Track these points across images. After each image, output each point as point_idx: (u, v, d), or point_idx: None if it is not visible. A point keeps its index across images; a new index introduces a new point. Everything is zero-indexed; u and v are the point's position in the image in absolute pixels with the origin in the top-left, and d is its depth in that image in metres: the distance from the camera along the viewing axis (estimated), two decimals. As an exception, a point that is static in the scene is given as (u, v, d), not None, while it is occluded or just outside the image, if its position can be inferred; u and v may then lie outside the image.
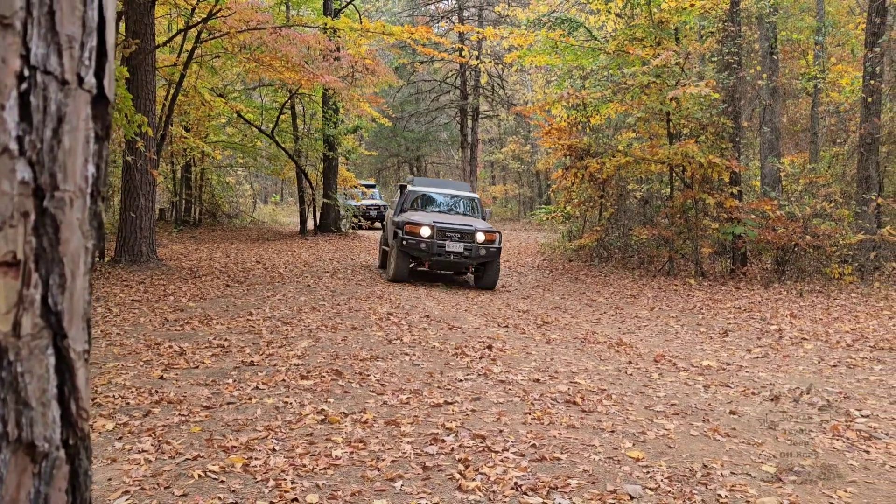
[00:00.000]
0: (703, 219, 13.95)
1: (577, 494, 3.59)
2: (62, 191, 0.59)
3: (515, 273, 15.16)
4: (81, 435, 0.65)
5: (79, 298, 0.63)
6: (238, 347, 6.80)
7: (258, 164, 26.43)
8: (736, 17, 14.20)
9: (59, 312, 0.60)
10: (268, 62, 15.23)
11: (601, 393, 5.68)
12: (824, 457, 4.36)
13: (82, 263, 0.62)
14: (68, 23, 0.58)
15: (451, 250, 11.88)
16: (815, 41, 18.75)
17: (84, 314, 0.66)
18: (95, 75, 0.62)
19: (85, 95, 0.61)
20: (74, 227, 0.60)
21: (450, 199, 13.80)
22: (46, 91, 0.56)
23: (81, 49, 0.60)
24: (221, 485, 3.61)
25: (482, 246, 11.98)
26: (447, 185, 14.53)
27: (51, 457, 0.60)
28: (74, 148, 0.60)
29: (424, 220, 12.03)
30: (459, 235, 12.00)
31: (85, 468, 0.66)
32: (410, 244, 11.84)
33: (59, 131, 0.58)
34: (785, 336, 8.45)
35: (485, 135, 39.32)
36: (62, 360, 0.61)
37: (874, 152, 13.04)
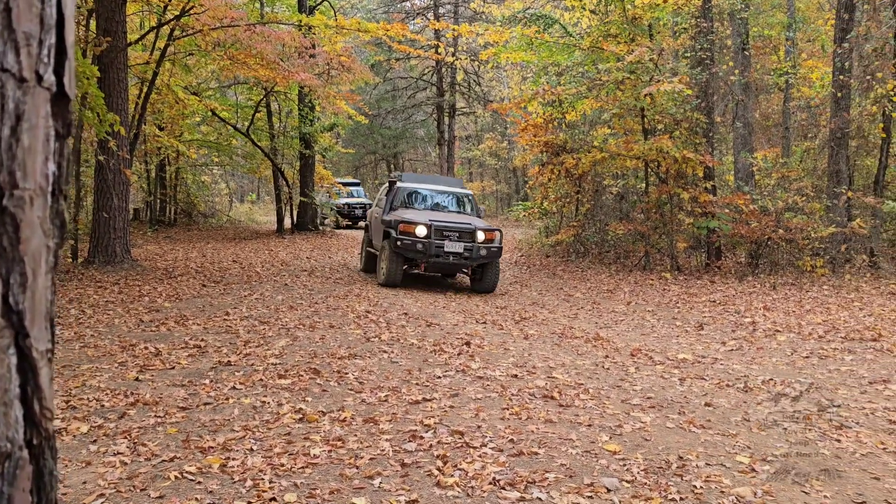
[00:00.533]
0: (678, 213, 14.09)
1: (555, 488, 3.62)
2: (21, 189, 0.58)
3: (493, 269, 15.19)
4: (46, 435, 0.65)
5: (41, 297, 0.62)
6: (215, 347, 6.75)
7: (234, 162, 26.22)
8: (708, 13, 14.34)
9: (20, 311, 0.60)
10: (242, 60, 15.10)
11: (578, 387, 5.72)
12: (797, 446, 4.43)
13: (44, 262, 0.62)
14: (25, 20, 0.57)
15: (451, 251, 11.03)
16: (786, 37, 19.02)
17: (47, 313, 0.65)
18: (55, 73, 0.62)
19: (44, 93, 0.61)
20: (35, 226, 0.60)
21: (442, 196, 12.93)
22: (3, 89, 0.56)
23: (40, 47, 0.59)
24: (199, 486, 3.58)
25: (483, 246, 11.14)
26: (439, 180, 13.61)
27: (14, 457, 0.59)
28: (34, 146, 0.60)
29: (420, 219, 11.19)
30: (458, 235, 11.17)
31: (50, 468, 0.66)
32: (405, 245, 10.96)
33: (17, 129, 0.57)
34: (759, 328, 8.57)
35: (462, 131, 39.34)
36: (24, 360, 0.61)
37: (844, 147, 13.25)
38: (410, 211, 11.98)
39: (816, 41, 20.12)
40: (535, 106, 17.53)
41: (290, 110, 23.74)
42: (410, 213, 11.64)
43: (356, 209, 26.97)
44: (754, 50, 18.76)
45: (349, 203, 26.98)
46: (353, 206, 27.08)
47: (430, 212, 12.15)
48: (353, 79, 19.98)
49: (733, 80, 15.71)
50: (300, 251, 17.20)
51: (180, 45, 14.93)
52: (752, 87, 17.08)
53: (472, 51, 28.65)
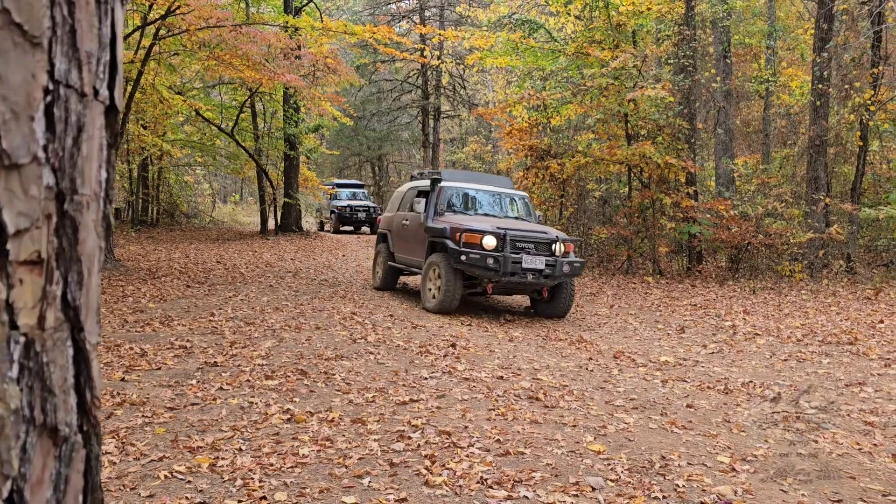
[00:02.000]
0: (660, 218, 14.26)
1: (541, 487, 3.69)
2: (80, 195, 0.63)
3: (477, 272, 15.28)
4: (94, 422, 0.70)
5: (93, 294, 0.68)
6: (201, 348, 6.76)
7: (217, 163, 26.10)
8: (691, 21, 14.54)
9: (76, 307, 0.65)
10: (227, 60, 15.06)
11: (563, 389, 5.80)
12: (776, 446, 4.54)
13: (96, 262, 0.67)
14: (87, 40, 0.63)
15: (530, 267, 8.89)
16: (766, 45, 19.31)
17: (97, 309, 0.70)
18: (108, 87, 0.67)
19: (99, 106, 0.66)
20: (90, 229, 0.65)
21: (496, 198, 10.77)
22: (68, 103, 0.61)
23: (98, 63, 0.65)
24: (188, 485, 3.61)
25: (566, 261, 9.14)
26: (486, 179, 11.28)
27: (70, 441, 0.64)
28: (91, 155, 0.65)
29: (485, 227, 9.13)
30: (534, 246, 9.17)
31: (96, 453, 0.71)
32: (472, 261, 8.80)
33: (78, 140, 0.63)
34: (739, 332, 8.71)
35: (446, 134, 39.43)
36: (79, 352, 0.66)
37: (822, 154, 13.48)
38: (464, 217, 9.96)
39: (796, 50, 20.45)
40: (520, 110, 17.67)
41: (274, 111, 23.71)
42: (468, 220, 9.62)
43: (358, 212, 25.49)
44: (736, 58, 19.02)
45: (351, 206, 25.46)
46: (356, 209, 25.49)
47: (487, 218, 10.06)
48: (339, 80, 20.00)
49: (715, 86, 15.92)
50: (284, 252, 17.18)
51: (165, 44, 14.88)
52: (734, 94, 17.32)
53: (458, 54, 28.77)
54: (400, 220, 11.08)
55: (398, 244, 11.00)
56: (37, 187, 0.57)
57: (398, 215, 11.24)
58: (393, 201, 11.88)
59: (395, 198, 11.84)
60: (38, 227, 0.59)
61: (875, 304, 10.32)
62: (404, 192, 11.44)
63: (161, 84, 17.94)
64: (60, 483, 0.63)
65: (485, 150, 35.89)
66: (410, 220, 10.58)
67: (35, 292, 0.59)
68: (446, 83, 31.24)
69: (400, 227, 11.00)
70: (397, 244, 11.03)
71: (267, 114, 24.21)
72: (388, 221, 11.64)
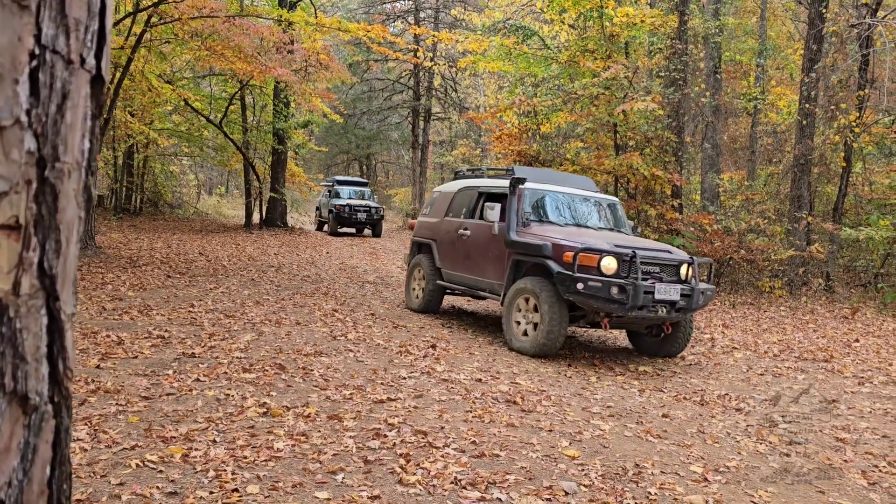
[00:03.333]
0: (644, 229, 14.34)
1: (515, 490, 3.69)
2: (62, 162, 0.63)
3: (461, 275, 15.28)
4: (66, 393, 0.69)
5: (71, 264, 0.67)
6: (179, 339, 6.71)
7: (204, 154, 25.94)
8: (683, 35, 14.66)
9: (53, 276, 0.64)
10: (219, 51, 14.98)
11: (541, 394, 5.81)
12: (748, 458, 4.58)
13: (75, 232, 0.67)
14: (76, 7, 0.62)
15: (664, 299, 6.99)
16: (756, 63, 19.51)
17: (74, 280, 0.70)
18: (95, 56, 0.67)
19: (85, 75, 0.66)
20: (70, 197, 0.65)
21: (588, 204, 8.73)
22: (54, 69, 0.61)
23: (85, 31, 0.64)
24: (160, 474, 3.58)
25: (700, 289, 7.30)
26: (566, 179, 9.20)
27: (40, 410, 0.64)
28: (74, 123, 0.64)
29: (602, 245, 7.13)
30: (664, 270, 7.32)
31: (66, 425, 0.70)
32: (592, 290, 6.81)
33: (62, 107, 0.62)
34: (717, 345, 8.78)
35: (436, 136, 39.46)
36: (53, 321, 0.65)
37: (807, 173, 13.64)
38: (558, 229, 7.85)
39: (785, 69, 20.68)
40: (511, 116, 17.70)
41: (264, 105, 23.61)
42: (568, 234, 7.59)
43: (358, 212, 23.27)
44: (726, 74, 19.20)
45: (351, 205, 23.20)
46: (356, 209, 23.27)
47: (583, 230, 8.01)
48: (331, 77, 19.94)
49: (704, 101, 16.06)
50: (268, 247, 17.10)
51: (157, 32, 14.77)
52: (722, 110, 17.49)
53: (451, 57, 28.81)
54: (454, 229, 8.97)
55: (450, 259, 9.02)
56: (18, 151, 0.57)
57: (449, 222, 9.13)
58: (436, 203, 9.80)
59: (439, 199, 9.79)
60: (18, 192, 0.58)
61: (851, 323, 10.44)
62: (453, 192, 9.40)
63: (151, 72, 17.81)
64: (28, 452, 0.62)
65: (474, 154, 35.96)
66: (474, 231, 8.60)
67: (11, 257, 0.59)
68: (438, 85, 31.26)
69: (454, 238, 8.94)
70: (448, 259, 9.04)
71: (256, 107, 24.10)
72: (430, 229, 9.59)
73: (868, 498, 4.07)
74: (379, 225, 23.93)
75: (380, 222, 23.89)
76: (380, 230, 24.14)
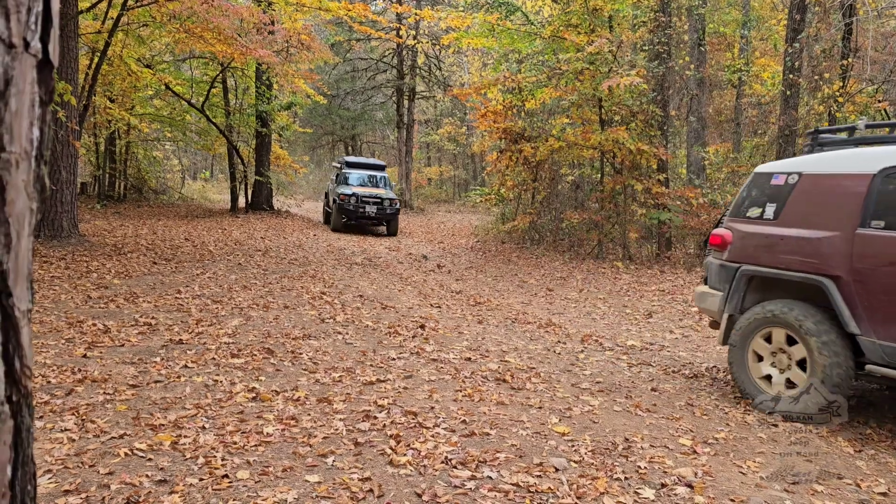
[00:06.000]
0: (631, 204, 14.35)
1: (505, 467, 3.71)
2: (8, 153, 0.60)
3: (450, 254, 15.28)
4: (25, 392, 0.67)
5: (23, 259, 0.64)
6: (166, 326, 6.67)
7: (187, 138, 25.64)
8: (667, 7, 14.57)
9: (4, 271, 0.61)
10: (199, 33, 14.75)
11: (530, 371, 5.83)
12: (736, 429, 4.62)
13: (27, 224, 0.64)
14: (15, -13, 0.59)
15: None
16: (740, 35, 19.45)
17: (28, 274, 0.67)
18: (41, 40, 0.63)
19: (31, 60, 0.62)
20: (20, 189, 0.62)
21: None
22: (-7, 54, 0.58)
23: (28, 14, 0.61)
24: (149, 462, 3.56)
25: None
26: None
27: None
28: (20, 111, 0.61)
29: None
30: None
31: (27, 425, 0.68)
32: None
33: (5, 94, 0.59)
34: (705, 318, 8.82)
35: (421, 115, 39.23)
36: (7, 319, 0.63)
37: (791, 144, 13.65)
38: None
39: (769, 40, 20.63)
40: (495, 93, 17.61)
41: (246, 87, 23.31)
42: None
43: (367, 204, 18.43)
44: (710, 46, 19.15)
45: (358, 195, 18.46)
46: (364, 200, 18.46)
47: None
48: (313, 58, 19.71)
49: (689, 74, 16.01)
50: (254, 231, 16.99)
51: (134, 15, 14.51)
52: (707, 83, 17.46)
53: (434, 35, 28.53)
54: None
55: None
56: (-43, 142, 0.54)
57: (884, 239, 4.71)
58: (806, 197, 5.25)
59: (810, 189, 5.25)
60: (-40, 185, 0.55)
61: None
62: (868, 174, 4.90)
63: (129, 56, 17.52)
64: (-15, 455, 0.60)
65: (459, 132, 35.81)
66: None
67: (-44, 254, 0.56)
68: (422, 64, 31.00)
69: None
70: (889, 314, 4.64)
71: (239, 90, 23.80)
72: (815, 252, 5.04)
73: (855, 466, 4.12)
74: (395, 220, 19.18)
75: (395, 217, 19.11)
76: (395, 227, 19.32)
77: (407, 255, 14.56)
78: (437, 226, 23.15)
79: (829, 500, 3.58)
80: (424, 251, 15.49)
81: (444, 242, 17.65)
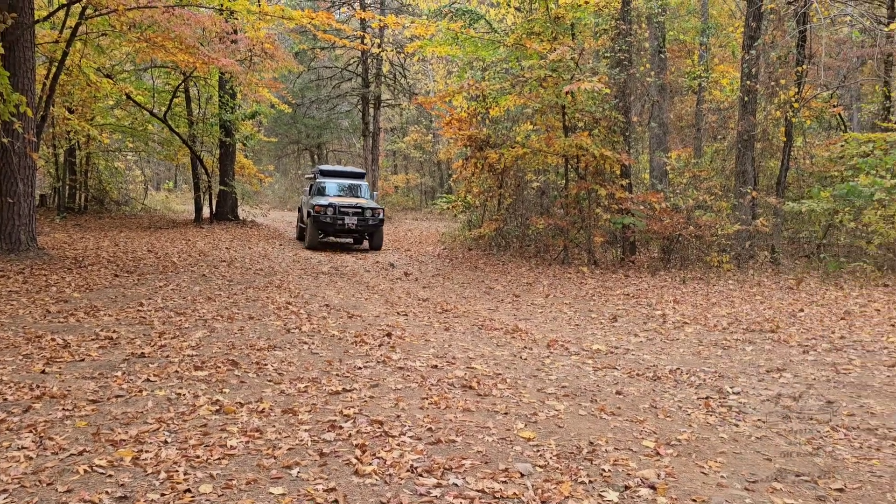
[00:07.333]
0: (595, 209, 14.51)
1: (471, 474, 3.72)
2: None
3: (416, 262, 15.28)
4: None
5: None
6: (128, 339, 6.56)
7: (149, 148, 25.29)
8: (627, 15, 14.80)
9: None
10: (160, 43, 14.58)
11: (496, 377, 5.85)
12: (699, 430, 4.69)
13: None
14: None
15: None
16: (699, 42, 19.82)
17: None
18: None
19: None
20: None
21: None
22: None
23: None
24: (109, 479, 3.50)
25: None
26: None
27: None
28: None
29: None
30: None
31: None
32: None
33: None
34: (668, 321, 8.95)
35: (387, 123, 39.19)
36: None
37: (750, 149, 13.94)
38: None
39: (728, 47, 21.04)
40: (460, 100, 17.69)
41: (210, 96, 23.09)
42: None
43: (345, 215, 16.46)
44: (670, 53, 19.47)
45: (336, 205, 16.49)
46: (343, 211, 16.48)
47: None
48: (277, 66, 19.60)
49: (650, 81, 16.26)
50: (219, 241, 16.80)
51: (93, 24, 14.29)
52: (668, 89, 17.74)
53: (399, 43, 28.58)
54: None
55: None
56: None
57: None
58: None
59: None
60: None
61: (796, 293, 10.75)
62: None
63: (88, 66, 17.23)
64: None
65: (425, 140, 35.87)
66: None
67: None
68: (387, 72, 30.99)
69: None
70: None
71: (202, 99, 23.56)
72: None
73: (812, 462, 4.20)
74: (378, 232, 17.29)
75: (379, 229, 17.23)
76: (380, 240, 17.45)
77: (374, 264, 14.53)
78: (404, 234, 23.13)
79: (787, 497, 3.66)
80: (391, 259, 15.47)
81: (411, 250, 17.64)
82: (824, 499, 3.67)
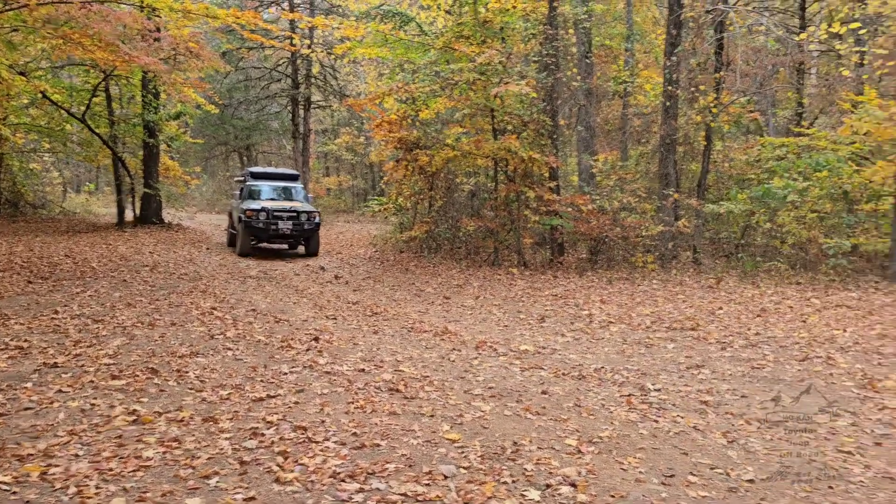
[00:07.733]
0: (524, 211, 14.70)
1: (395, 478, 3.71)
2: None
3: (347, 265, 15.15)
4: None
5: None
6: (40, 348, 6.27)
7: (68, 149, 24.27)
8: (554, 20, 15.06)
9: None
10: (77, 39, 13.99)
11: (424, 380, 5.86)
12: (620, 428, 4.80)
13: None
14: None
15: None
16: (625, 48, 20.34)
17: None
18: None
19: None
20: None
21: None
22: None
23: None
24: (14, 496, 3.34)
25: None
26: None
27: None
28: None
29: None
30: None
31: None
32: None
33: None
34: (595, 320, 9.15)
35: (317, 125, 38.74)
36: None
37: (672, 152, 14.39)
38: None
39: (651, 53, 21.69)
40: (391, 102, 17.64)
41: (132, 96, 22.33)
42: None
43: (280, 219, 15.81)
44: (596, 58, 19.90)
45: (268, 209, 15.75)
46: (278, 215, 15.82)
47: None
48: (203, 66, 19.06)
49: (577, 85, 16.59)
50: (143, 245, 16.26)
51: (3, 19, 13.62)
52: (594, 93, 18.14)
53: (329, 44, 28.29)
54: None
55: None
56: None
57: None
58: None
59: None
60: None
61: (716, 292, 11.15)
62: None
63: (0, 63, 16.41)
64: None
65: (357, 142, 35.62)
66: None
67: None
68: (317, 73, 30.62)
69: None
70: None
71: (124, 98, 22.76)
72: None
73: (726, 455, 4.36)
74: (314, 238, 16.61)
75: (315, 233, 16.55)
76: (316, 245, 16.73)
77: (304, 267, 14.33)
78: (335, 236, 22.91)
79: (701, 490, 3.78)
80: (322, 262, 15.30)
81: (342, 253, 17.48)
82: (736, 490, 3.82)
